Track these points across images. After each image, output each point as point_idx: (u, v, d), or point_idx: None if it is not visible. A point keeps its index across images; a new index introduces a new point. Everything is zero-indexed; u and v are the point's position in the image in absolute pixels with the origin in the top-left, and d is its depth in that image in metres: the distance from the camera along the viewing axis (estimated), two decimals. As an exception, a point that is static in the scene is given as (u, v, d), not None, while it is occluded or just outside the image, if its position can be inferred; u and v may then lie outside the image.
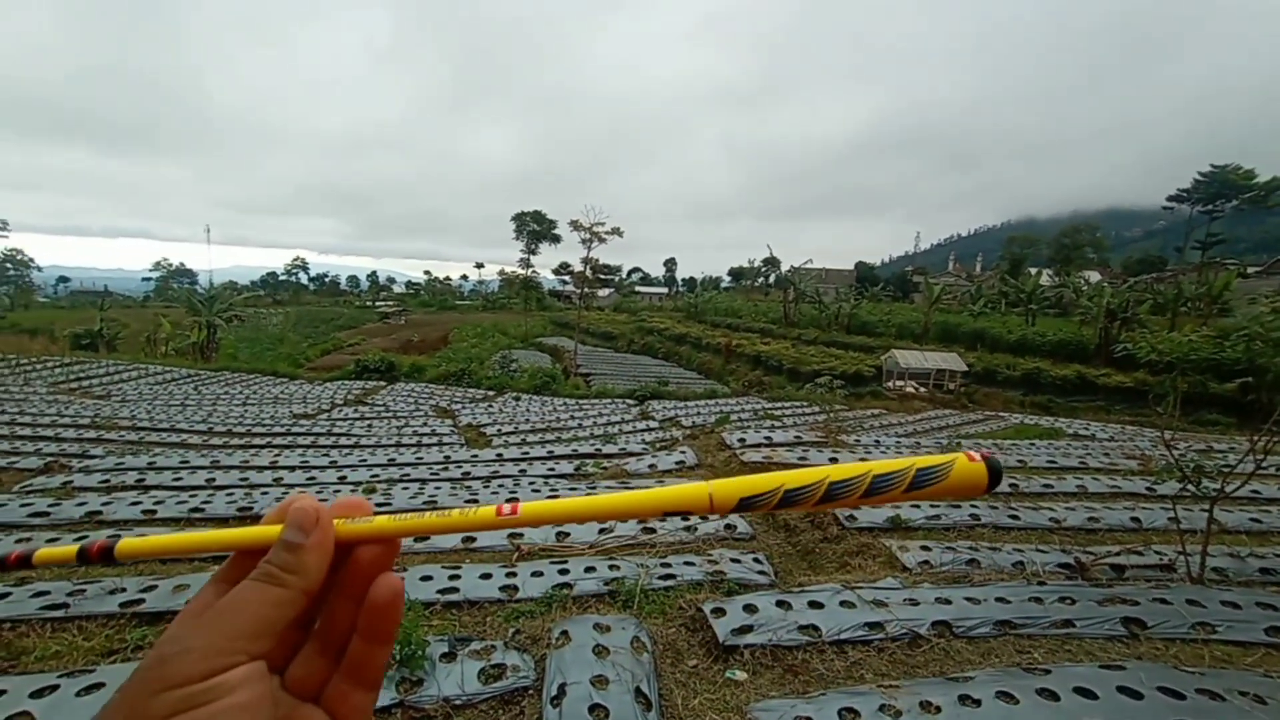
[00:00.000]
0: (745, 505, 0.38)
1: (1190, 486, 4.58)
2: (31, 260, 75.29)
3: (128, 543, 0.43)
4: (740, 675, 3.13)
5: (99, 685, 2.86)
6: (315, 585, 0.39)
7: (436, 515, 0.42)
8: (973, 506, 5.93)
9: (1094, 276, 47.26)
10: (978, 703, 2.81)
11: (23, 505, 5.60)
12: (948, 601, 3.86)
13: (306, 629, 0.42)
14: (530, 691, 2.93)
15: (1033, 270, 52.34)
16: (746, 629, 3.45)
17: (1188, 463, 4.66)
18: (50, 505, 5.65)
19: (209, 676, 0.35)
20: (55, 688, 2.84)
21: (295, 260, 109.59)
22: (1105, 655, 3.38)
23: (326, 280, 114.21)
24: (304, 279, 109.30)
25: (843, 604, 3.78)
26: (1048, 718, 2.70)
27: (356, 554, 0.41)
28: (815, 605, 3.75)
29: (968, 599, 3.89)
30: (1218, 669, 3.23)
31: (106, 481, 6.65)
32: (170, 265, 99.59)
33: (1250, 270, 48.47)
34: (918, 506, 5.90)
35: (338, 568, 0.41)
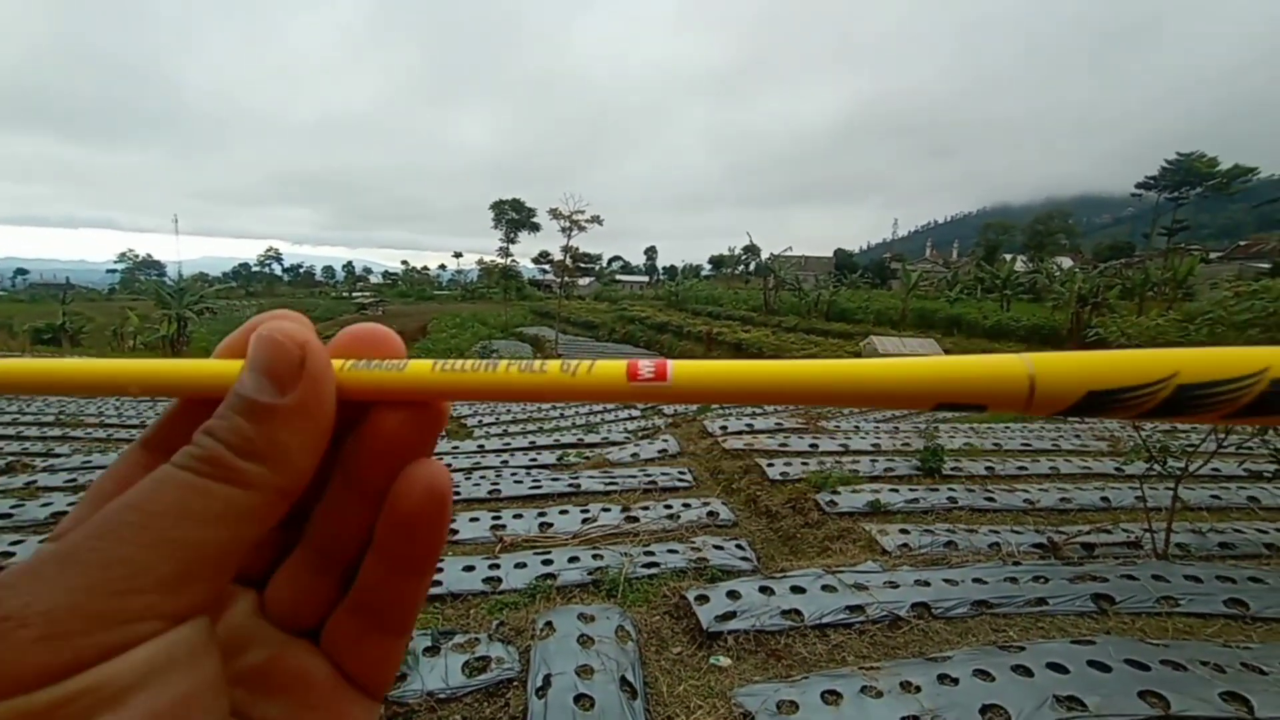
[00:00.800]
0: (1095, 404, 0.20)
1: (1156, 466, 4.73)
2: (-14, 252, 72.24)
3: None
4: (724, 661, 3.16)
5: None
6: (300, 481, 0.23)
7: (517, 369, 0.25)
8: (950, 490, 6.05)
9: (1066, 262, 48.32)
10: (956, 681, 2.88)
11: (-16, 507, 5.41)
12: (926, 583, 3.94)
13: (293, 526, 0.26)
14: (515, 683, 2.92)
15: (1007, 256, 53.32)
16: (730, 615, 3.49)
17: (1154, 443, 4.80)
18: (13, 506, 5.46)
19: (67, 672, 0.17)
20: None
21: (268, 251, 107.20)
22: (1076, 631, 3.49)
23: (301, 271, 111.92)
24: (278, 270, 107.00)
25: (824, 588, 3.84)
26: (1022, 693, 2.78)
27: (375, 420, 0.24)
28: (797, 590, 3.80)
29: (946, 580, 3.98)
30: (1180, 640, 3.35)
31: (73, 481, 6.45)
32: (136, 256, 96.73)
33: (1212, 255, 50.04)
34: (896, 490, 6.01)
35: (341, 439, 0.25)
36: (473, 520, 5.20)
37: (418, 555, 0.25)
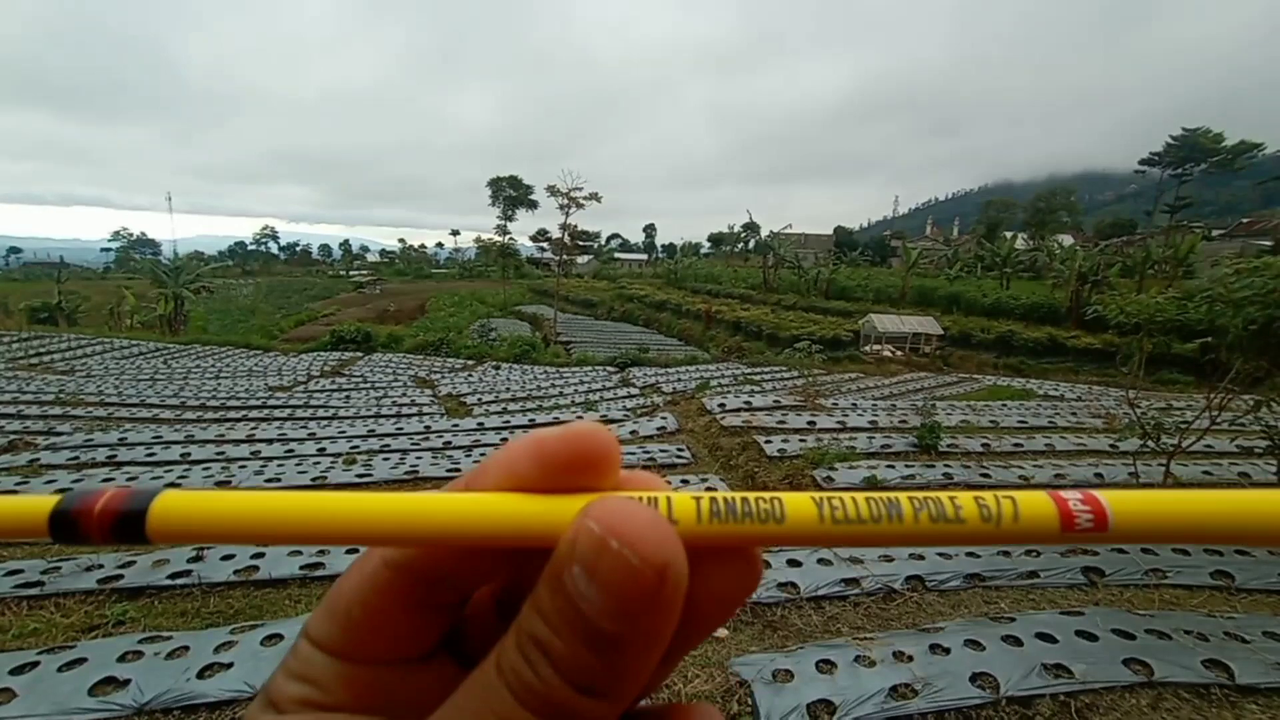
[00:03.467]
0: None
1: (1150, 442, 4.78)
2: (-21, 230, 71.42)
3: (171, 502, 0.20)
4: (721, 632, 3.24)
5: (80, 660, 2.85)
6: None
7: (928, 516, 0.21)
8: (946, 466, 6.12)
9: (1067, 240, 48.05)
10: (947, 651, 2.95)
11: (-12, 484, 5.46)
12: (921, 557, 4.01)
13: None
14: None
15: (1008, 234, 52.98)
16: (727, 588, 3.56)
17: (1148, 420, 4.85)
18: (17, 484, 5.52)
19: None
20: (35, 664, 2.82)
21: (264, 229, 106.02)
22: (1066, 602, 3.57)
23: (297, 249, 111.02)
24: (274, 248, 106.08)
25: (820, 562, 3.91)
26: (1012, 662, 2.85)
27: (707, 578, 0.21)
28: (793, 564, 3.87)
29: (940, 555, 4.05)
30: (1166, 611, 3.43)
31: (76, 458, 6.50)
32: (131, 235, 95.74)
33: (1215, 233, 49.73)
34: (892, 466, 6.07)
35: None
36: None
37: None
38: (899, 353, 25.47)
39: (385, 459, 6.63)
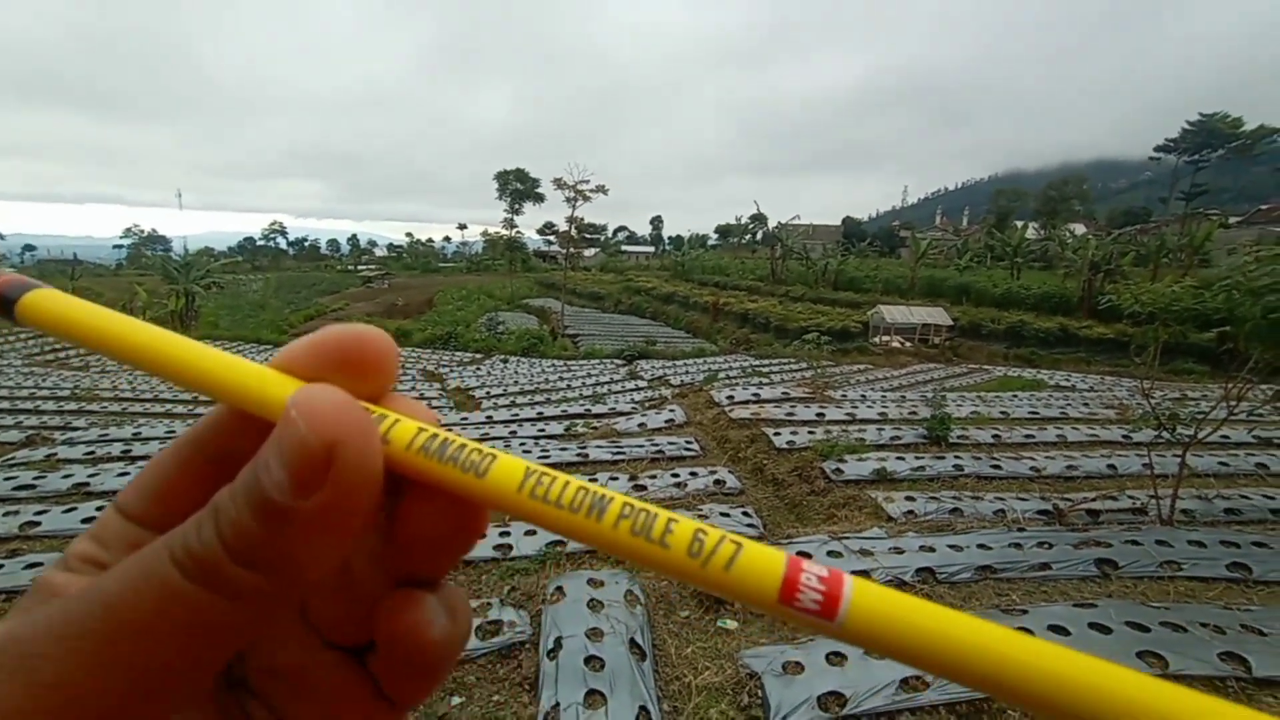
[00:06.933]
0: None
1: (1165, 433, 4.72)
2: (-6, 228, 72.22)
3: (44, 297, 0.25)
4: (731, 624, 3.24)
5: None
6: (299, 592, 0.19)
7: (628, 528, 0.19)
8: (956, 458, 6.08)
9: (1079, 229, 47.35)
10: (957, 642, 2.94)
11: (7, 479, 5.55)
12: (931, 549, 3.99)
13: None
14: (527, 646, 3.01)
15: (1019, 224, 52.31)
16: (736, 580, 3.56)
17: (1164, 411, 4.78)
18: (35, 478, 5.60)
19: None
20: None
21: (273, 224, 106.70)
22: (1079, 594, 3.53)
23: (306, 245, 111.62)
24: (283, 244, 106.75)
25: (830, 554, 3.90)
26: (1023, 654, 2.83)
27: (409, 511, 0.21)
28: (802, 555, 3.86)
29: (950, 546, 4.03)
30: (1182, 603, 3.40)
31: (91, 453, 6.59)
32: (142, 232, 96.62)
33: (1232, 220, 48.83)
34: (902, 458, 6.04)
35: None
36: (483, 489, 5.29)
37: (413, 687, 0.23)
38: (908, 344, 25.28)
39: (395, 452, 6.69)
